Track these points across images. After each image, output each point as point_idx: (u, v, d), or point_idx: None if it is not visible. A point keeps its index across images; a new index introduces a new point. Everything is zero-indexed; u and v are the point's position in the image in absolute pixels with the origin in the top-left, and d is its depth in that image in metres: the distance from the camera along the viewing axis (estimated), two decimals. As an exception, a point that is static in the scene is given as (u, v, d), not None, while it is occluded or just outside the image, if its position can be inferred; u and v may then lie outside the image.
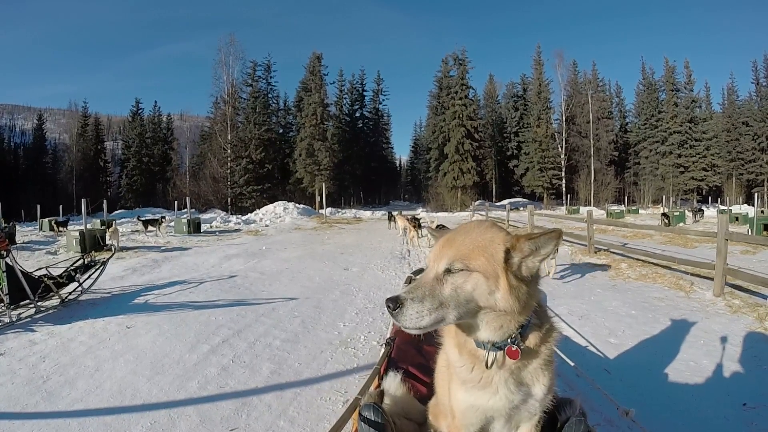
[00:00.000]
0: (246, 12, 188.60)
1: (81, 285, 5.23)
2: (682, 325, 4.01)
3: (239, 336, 3.86)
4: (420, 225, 11.39)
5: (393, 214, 17.38)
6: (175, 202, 23.68)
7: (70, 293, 5.12)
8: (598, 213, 24.20)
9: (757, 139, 42.40)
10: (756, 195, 18.81)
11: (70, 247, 10.27)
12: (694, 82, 42.48)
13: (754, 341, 3.55)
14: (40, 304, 4.65)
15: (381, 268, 7.68)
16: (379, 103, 54.65)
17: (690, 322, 4.08)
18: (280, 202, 27.70)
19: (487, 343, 1.01)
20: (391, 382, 1.52)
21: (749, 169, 42.99)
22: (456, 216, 27.51)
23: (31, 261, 8.54)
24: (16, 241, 12.12)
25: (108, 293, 5.62)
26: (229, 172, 39.09)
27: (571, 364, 2.19)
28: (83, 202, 10.71)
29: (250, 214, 25.26)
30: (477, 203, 36.01)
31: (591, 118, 43.09)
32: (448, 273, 0.97)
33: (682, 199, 40.17)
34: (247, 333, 3.94)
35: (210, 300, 5.22)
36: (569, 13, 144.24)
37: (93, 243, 10.11)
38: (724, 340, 3.56)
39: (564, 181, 43.70)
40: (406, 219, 12.33)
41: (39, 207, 20.47)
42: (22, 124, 58.95)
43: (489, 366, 1.01)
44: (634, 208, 32.14)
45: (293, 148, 43.06)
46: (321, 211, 26.89)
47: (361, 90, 52.76)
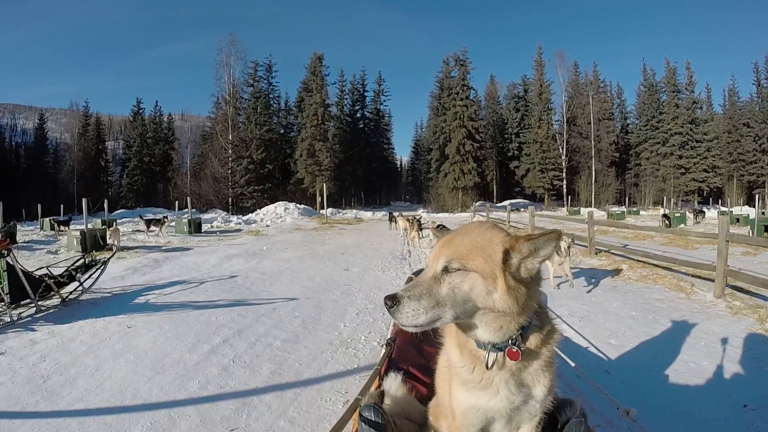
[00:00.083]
0: (246, 12, 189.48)
1: (82, 284, 5.24)
2: (683, 327, 4.00)
3: (240, 336, 3.86)
4: (421, 226, 11.40)
5: (394, 214, 17.40)
6: (176, 202, 23.74)
7: (71, 293, 5.13)
8: (599, 214, 24.16)
9: (758, 140, 42.36)
10: (757, 196, 18.71)
11: (70, 247, 10.28)
12: (695, 83, 42.52)
13: (754, 343, 3.55)
14: (40, 303, 4.65)
15: (382, 268, 7.68)
16: (380, 104, 54.69)
17: (690, 323, 4.08)
18: (280, 203, 27.72)
19: (487, 343, 1.01)
20: (391, 383, 1.52)
21: (750, 171, 42.94)
22: (457, 217, 27.49)
23: (31, 260, 8.56)
24: (17, 241, 12.14)
25: (109, 293, 5.63)
26: (230, 172, 39.12)
27: (572, 364, 2.19)
28: (84, 201, 10.72)
29: (250, 215, 25.26)
30: (478, 204, 36.03)
31: (592, 119, 43.12)
32: (445, 272, 0.98)
33: (683, 200, 40.11)
34: (247, 333, 3.94)
35: (211, 300, 5.22)
36: (570, 13, 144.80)
37: (94, 242, 10.12)
38: (724, 341, 3.55)
39: (565, 182, 43.72)
40: (407, 219, 12.34)
41: (40, 206, 20.47)
42: (23, 124, 59.10)
43: (489, 367, 1.01)
44: (635, 209, 32.07)
45: (294, 148, 43.10)
46: (322, 211, 26.93)
47: (362, 90, 52.76)
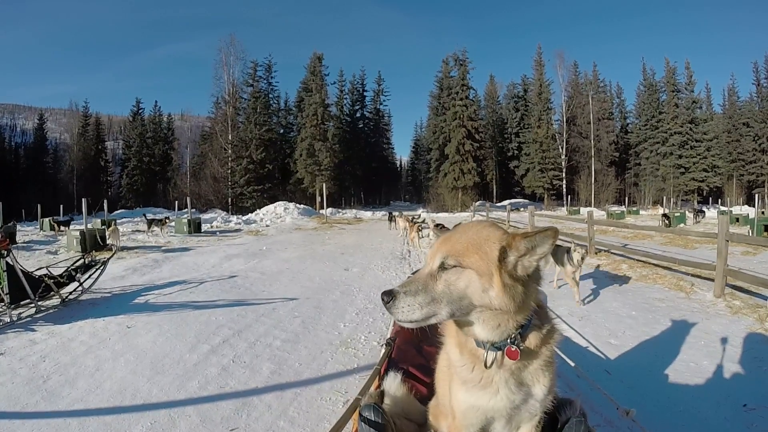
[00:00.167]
0: (246, 12, 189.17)
1: (81, 285, 5.24)
2: (683, 326, 4.00)
3: (239, 336, 3.86)
4: (420, 226, 11.40)
5: (394, 214, 17.39)
6: (176, 202, 23.75)
7: (71, 293, 5.13)
8: (599, 214, 24.19)
9: (758, 140, 42.37)
10: (756, 196, 18.74)
11: (70, 247, 10.28)
12: (694, 83, 42.49)
13: (754, 342, 3.55)
14: (40, 303, 4.65)
15: (381, 268, 7.68)
16: (380, 104, 54.67)
17: (690, 323, 4.08)
18: (280, 203, 27.73)
19: (486, 342, 1.01)
20: (391, 383, 1.52)
21: (750, 170, 42.97)
22: (457, 217, 27.48)
23: (31, 260, 8.55)
24: (16, 241, 12.14)
25: (108, 293, 5.62)
26: (229, 172, 39.13)
27: (572, 364, 2.19)
28: (84, 202, 10.71)
29: (250, 214, 25.27)
30: (477, 204, 36.03)
31: (592, 118, 43.13)
32: (442, 269, 0.98)
33: (682, 200, 40.13)
34: (247, 333, 3.94)
35: (210, 300, 5.22)
36: (570, 13, 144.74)
37: (93, 243, 10.11)
38: (724, 341, 3.55)
39: (564, 181, 43.74)
40: (407, 219, 12.34)
41: (39, 206, 20.43)
42: (22, 124, 59.15)
43: (488, 366, 1.01)
44: (635, 208, 32.07)
45: (294, 148, 43.13)
46: (321, 211, 26.92)
47: (361, 90, 52.77)
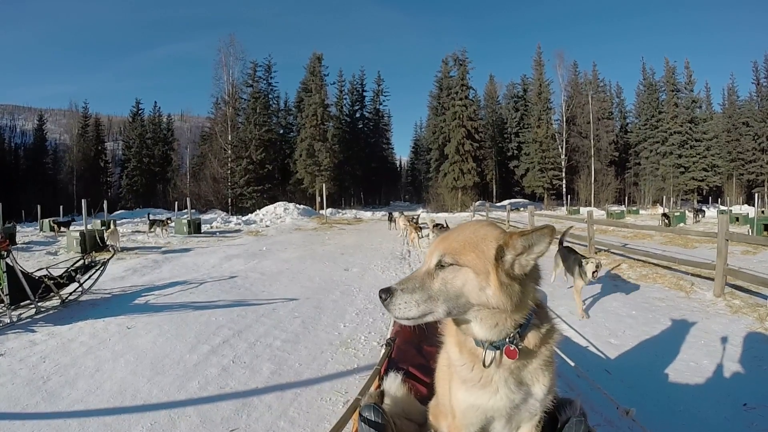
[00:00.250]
0: (246, 12, 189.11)
1: (81, 285, 5.23)
2: (683, 326, 4.00)
3: (240, 336, 3.86)
4: (420, 226, 11.40)
5: (393, 214, 17.39)
6: (176, 203, 23.70)
7: (71, 294, 5.12)
8: (599, 213, 24.18)
9: (758, 139, 42.37)
10: (756, 195, 18.76)
11: (70, 248, 10.27)
12: (694, 82, 42.46)
13: (754, 342, 3.55)
14: (40, 304, 4.65)
15: (381, 268, 7.67)
16: (380, 104, 54.57)
17: (690, 322, 4.08)
18: (280, 203, 27.73)
19: (484, 341, 1.01)
20: (391, 383, 1.52)
21: (750, 170, 42.96)
22: (456, 217, 27.48)
23: (31, 261, 8.55)
24: (16, 242, 12.14)
25: (108, 294, 5.62)
26: (229, 172, 39.10)
27: (572, 364, 2.19)
28: (84, 202, 10.71)
29: (250, 215, 25.27)
30: (477, 204, 36.05)
31: (591, 118, 43.12)
32: (439, 268, 0.99)
33: (682, 199, 40.17)
34: (247, 333, 3.94)
35: (210, 300, 5.22)
36: (569, 13, 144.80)
37: (93, 243, 10.11)
38: (724, 340, 3.55)
39: (564, 181, 43.72)
40: (407, 219, 12.34)
41: (39, 207, 20.44)
42: (22, 125, 59.17)
43: (487, 365, 1.01)
44: (635, 208, 32.08)
45: (294, 148, 43.09)
46: (321, 211, 26.92)
47: (361, 90, 52.71)
